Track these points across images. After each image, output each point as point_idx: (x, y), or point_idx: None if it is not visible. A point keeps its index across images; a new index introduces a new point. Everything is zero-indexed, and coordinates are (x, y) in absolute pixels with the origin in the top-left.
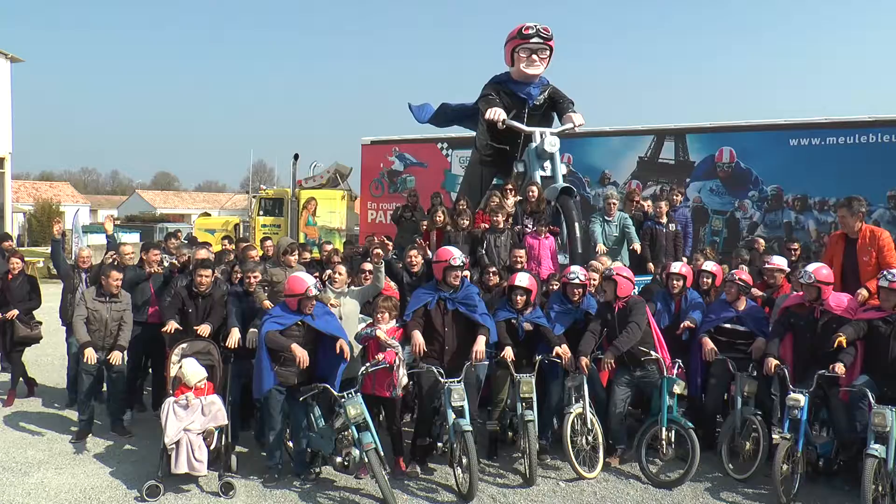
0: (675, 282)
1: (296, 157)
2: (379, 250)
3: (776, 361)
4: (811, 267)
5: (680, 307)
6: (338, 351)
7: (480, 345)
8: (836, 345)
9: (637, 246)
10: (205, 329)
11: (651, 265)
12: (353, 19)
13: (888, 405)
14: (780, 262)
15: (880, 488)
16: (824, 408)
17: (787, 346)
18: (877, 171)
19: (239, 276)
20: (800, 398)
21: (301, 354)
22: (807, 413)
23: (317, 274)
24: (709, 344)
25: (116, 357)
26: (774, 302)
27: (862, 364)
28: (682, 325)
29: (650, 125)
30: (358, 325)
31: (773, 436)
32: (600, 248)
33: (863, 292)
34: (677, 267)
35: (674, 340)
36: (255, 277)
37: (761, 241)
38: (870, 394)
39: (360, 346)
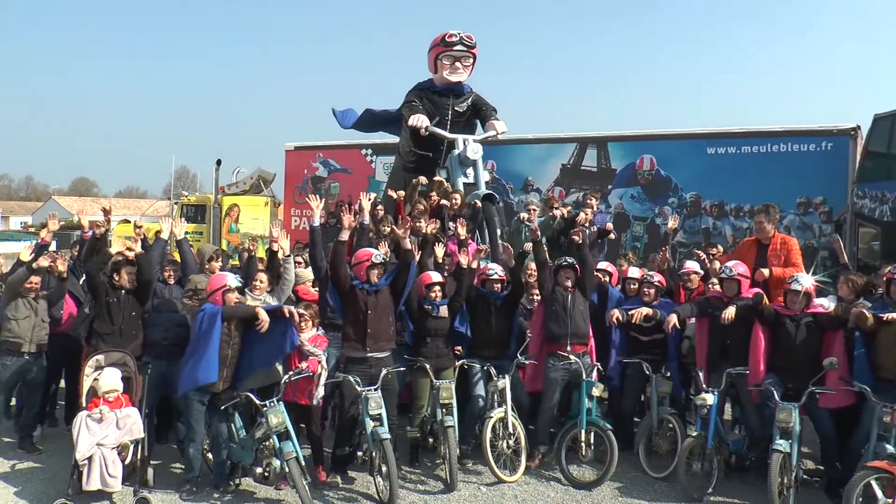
0: (603, 278)
1: (218, 162)
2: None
3: (675, 321)
4: (731, 262)
5: (606, 305)
6: (287, 314)
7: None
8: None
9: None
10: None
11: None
12: (278, 24)
13: (792, 402)
14: (693, 266)
15: (785, 481)
16: (737, 406)
17: (703, 336)
18: (788, 178)
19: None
20: (707, 398)
21: (265, 316)
22: (716, 411)
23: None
24: (615, 314)
25: None
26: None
27: (769, 362)
28: (610, 315)
29: (573, 133)
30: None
31: (692, 434)
32: (526, 247)
33: (763, 271)
34: (604, 265)
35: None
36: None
37: (720, 247)
38: (775, 392)
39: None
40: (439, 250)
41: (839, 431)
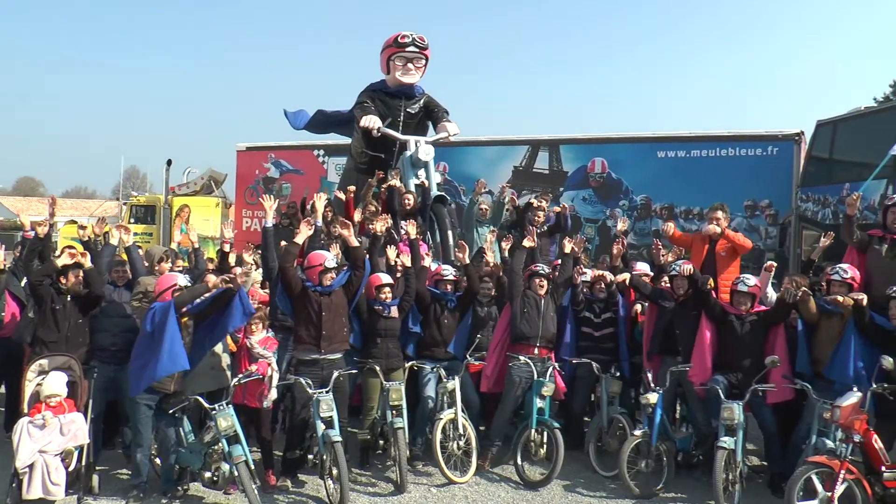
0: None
1: (169, 162)
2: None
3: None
4: (681, 261)
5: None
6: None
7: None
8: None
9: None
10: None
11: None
12: (229, 25)
13: (737, 400)
14: (643, 267)
15: (730, 477)
16: (684, 404)
17: (651, 322)
18: (735, 182)
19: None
20: (651, 397)
21: (216, 279)
22: (663, 410)
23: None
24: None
25: None
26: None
27: (715, 361)
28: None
29: (525, 136)
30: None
31: (636, 433)
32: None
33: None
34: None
35: None
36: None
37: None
38: (720, 390)
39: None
40: (391, 252)
41: (782, 428)
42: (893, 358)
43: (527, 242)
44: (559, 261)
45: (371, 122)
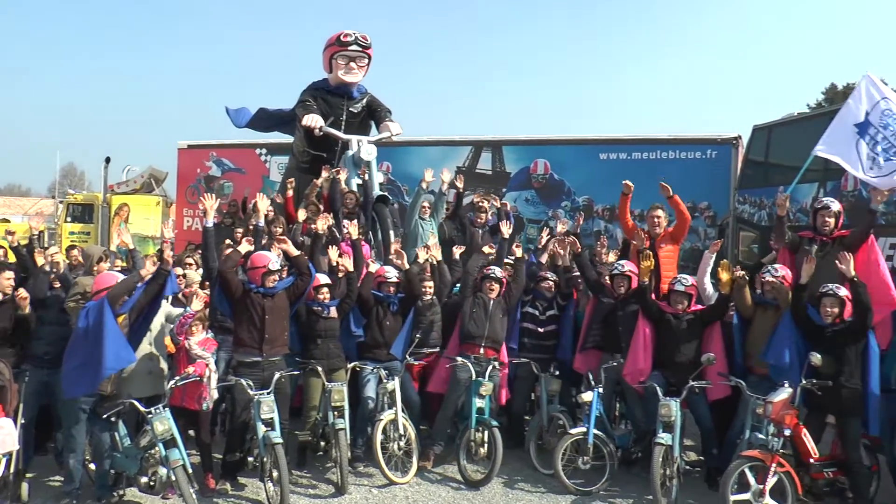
0: None
1: (107, 160)
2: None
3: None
4: (623, 260)
5: None
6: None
7: None
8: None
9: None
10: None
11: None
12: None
13: (674, 397)
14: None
15: (668, 472)
16: (623, 402)
17: (589, 314)
18: (675, 184)
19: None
20: (586, 395)
21: (150, 266)
22: (597, 408)
23: None
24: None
25: None
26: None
27: (653, 359)
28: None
29: (468, 136)
30: (165, 331)
31: (571, 431)
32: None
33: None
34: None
35: None
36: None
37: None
38: (658, 388)
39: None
40: (333, 253)
41: (719, 423)
42: (822, 354)
43: (486, 249)
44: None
45: (313, 120)
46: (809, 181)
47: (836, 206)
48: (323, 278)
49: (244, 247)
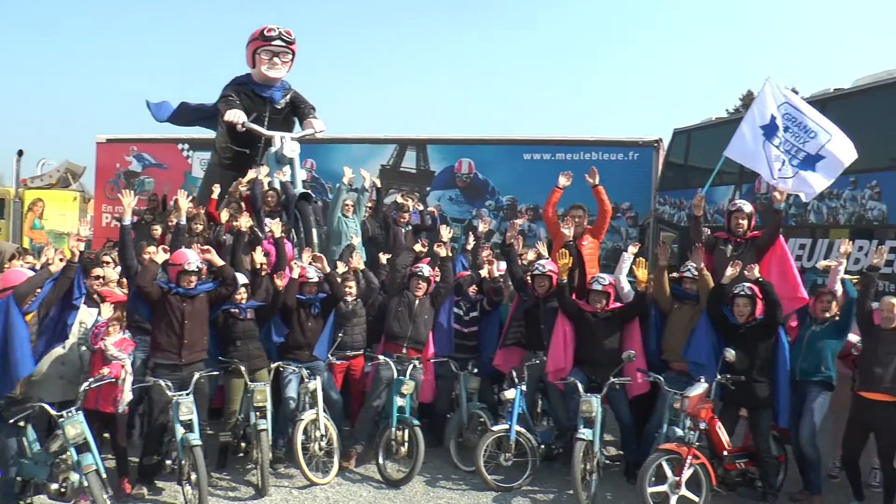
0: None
1: (20, 153)
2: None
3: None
4: (543, 259)
5: None
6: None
7: None
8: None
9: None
10: None
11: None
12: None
13: (595, 393)
14: (502, 266)
15: (588, 467)
16: (545, 399)
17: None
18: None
19: None
20: (508, 393)
21: (56, 257)
22: (519, 406)
23: None
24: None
25: None
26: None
27: (574, 356)
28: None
29: (393, 134)
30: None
31: (493, 428)
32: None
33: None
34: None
35: None
36: None
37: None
38: (579, 384)
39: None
40: (258, 255)
41: (638, 418)
42: (735, 350)
43: (418, 247)
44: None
45: (235, 116)
46: (726, 183)
47: (748, 207)
48: (241, 279)
49: (160, 256)
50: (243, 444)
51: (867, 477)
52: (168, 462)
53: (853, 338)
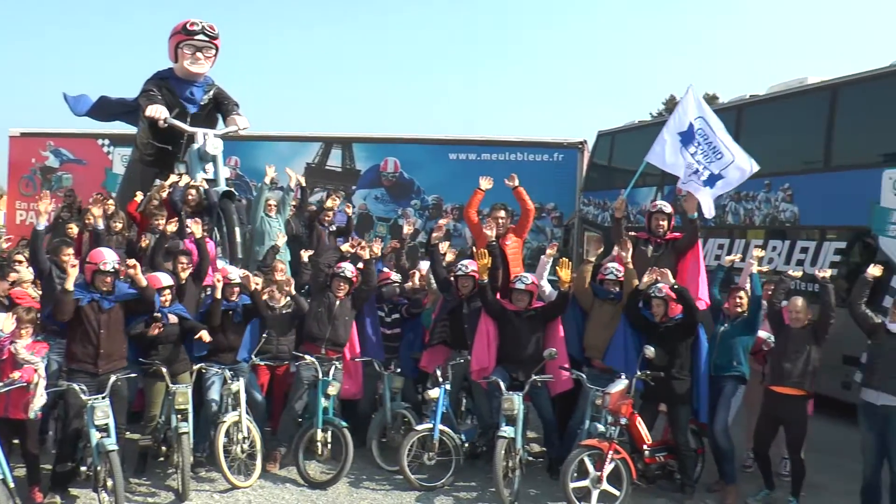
0: None
1: None
2: None
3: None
4: (466, 261)
5: None
6: None
7: None
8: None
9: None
10: None
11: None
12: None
13: (517, 391)
14: (425, 266)
15: (510, 464)
16: (469, 397)
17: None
18: (523, 185)
19: None
20: (432, 392)
21: None
22: (443, 405)
23: None
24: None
25: None
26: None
27: (497, 354)
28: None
29: (318, 132)
30: None
31: (417, 427)
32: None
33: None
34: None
35: None
36: None
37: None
38: (501, 382)
39: None
40: (185, 258)
41: (562, 415)
42: (655, 348)
43: (346, 247)
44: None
45: (157, 111)
46: (648, 185)
47: (668, 209)
48: (165, 279)
49: (71, 278)
50: (164, 448)
51: (777, 467)
52: (83, 469)
53: (763, 334)
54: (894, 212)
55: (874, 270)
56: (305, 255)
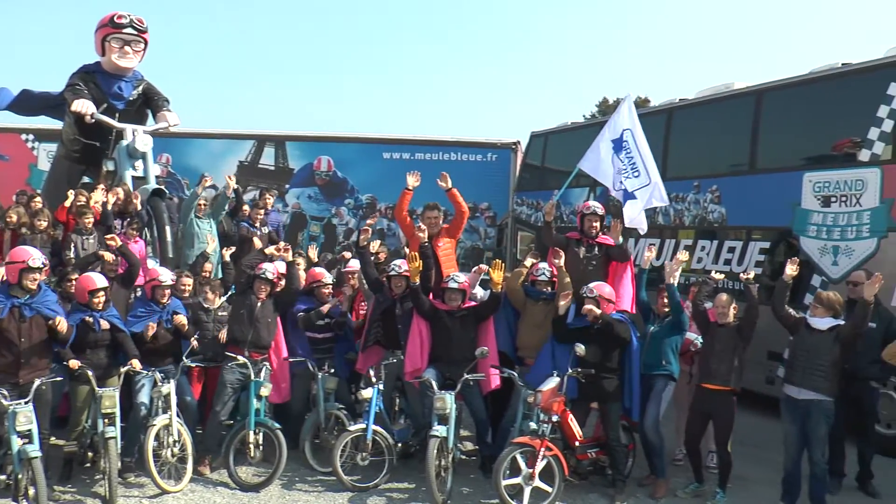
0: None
1: None
2: None
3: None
4: (399, 261)
5: None
6: None
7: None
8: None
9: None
10: None
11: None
12: None
13: (449, 390)
14: (354, 264)
15: (442, 463)
16: (402, 397)
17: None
18: (458, 185)
19: None
20: (365, 392)
21: None
22: (376, 405)
23: None
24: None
25: None
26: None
27: (430, 354)
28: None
29: (251, 130)
30: None
31: (350, 428)
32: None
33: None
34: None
35: None
36: None
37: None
38: (433, 381)
39: None
40: (108, 255)
41: (495, 414)
42: (588, 346)
43: (271, 250)
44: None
45: (83, 106)
46: (581, 186)
47: (601, 210)
48: (99, 280)
49: None
50: (90, 454)
51: (705, 460)
52: (2, 477)
53: (691, 335)
54: (815, 213)
55: (790, 270)
56: (227, 253)
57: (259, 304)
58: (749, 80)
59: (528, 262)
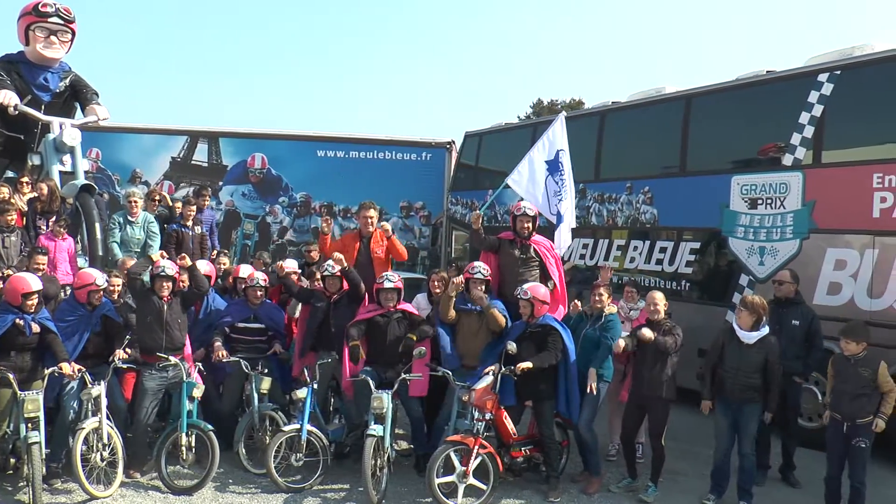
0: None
1: None
2: None
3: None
4: (330, 261)
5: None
6: None
7: None
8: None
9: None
10: None
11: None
12: None
13: (386, 389)
14: (292, 265)
15: (378, 462)
16: (337, 396)
17: (303, 320)
18: (392, 184)
19: None
20: (300, 392)
21: None
22: (310, 405)
23: None
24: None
25: None
26: None
27: (367, 354)
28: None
29: (184, 126)
30: None
31: (284, 428)
32: (123, 259)
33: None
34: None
35: None
36: None
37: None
38: (370, 381)
39: None
40: (42, 258)
41: (430, 413)
42: (521, 346)
43: (185, 262)
44: None
45: (6, 97)
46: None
47: (532, 211)
48: (34, 283)
49: None
50: (12, 461)
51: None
52: None
53: (624, 335)
54: (742, 215)
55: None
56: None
57: (165, 305)
58: (679, 84)
59: (453, 292)
